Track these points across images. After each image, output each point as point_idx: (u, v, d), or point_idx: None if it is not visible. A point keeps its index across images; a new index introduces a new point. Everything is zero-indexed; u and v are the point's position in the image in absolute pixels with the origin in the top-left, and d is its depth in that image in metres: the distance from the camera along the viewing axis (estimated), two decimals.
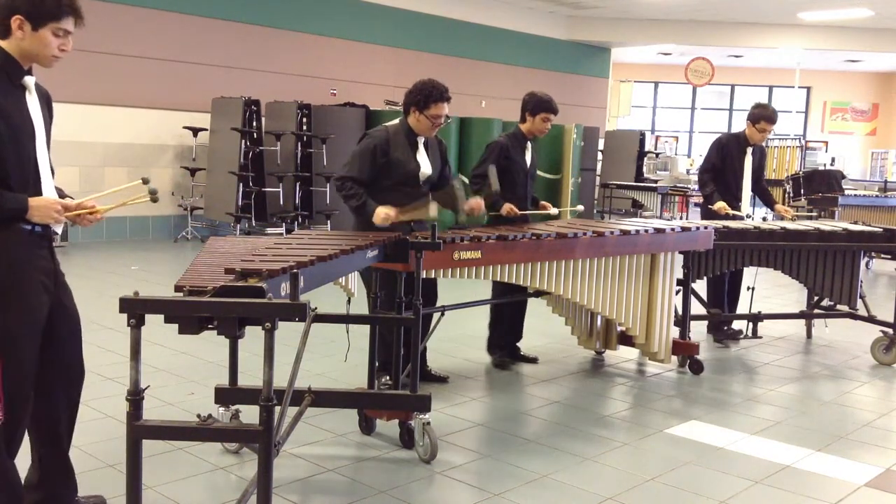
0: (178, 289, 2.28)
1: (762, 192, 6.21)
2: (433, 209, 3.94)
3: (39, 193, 2.55)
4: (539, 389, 4.69)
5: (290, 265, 2.56)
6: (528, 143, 5.07)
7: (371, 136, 4.21)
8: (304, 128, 10.72)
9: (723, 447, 3.86)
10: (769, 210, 6.40)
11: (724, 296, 5.95)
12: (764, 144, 6.12)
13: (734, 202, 5.97)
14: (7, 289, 2.47)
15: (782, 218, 6.08)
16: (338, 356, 4.96)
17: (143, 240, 10.63)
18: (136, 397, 2.23)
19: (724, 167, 5.97)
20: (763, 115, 5.84)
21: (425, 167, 4.25)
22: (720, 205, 5.85)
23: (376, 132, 4.23)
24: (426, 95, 4.13)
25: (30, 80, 2.56)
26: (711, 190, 5.93)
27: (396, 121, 4.30)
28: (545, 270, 4.29)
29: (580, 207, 5.73)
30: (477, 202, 4.28)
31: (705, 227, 5.09)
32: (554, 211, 5.10)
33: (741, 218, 5.86)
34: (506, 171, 4.90)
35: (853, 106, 21.83)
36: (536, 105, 4.94)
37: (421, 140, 4.26)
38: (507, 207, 4.80)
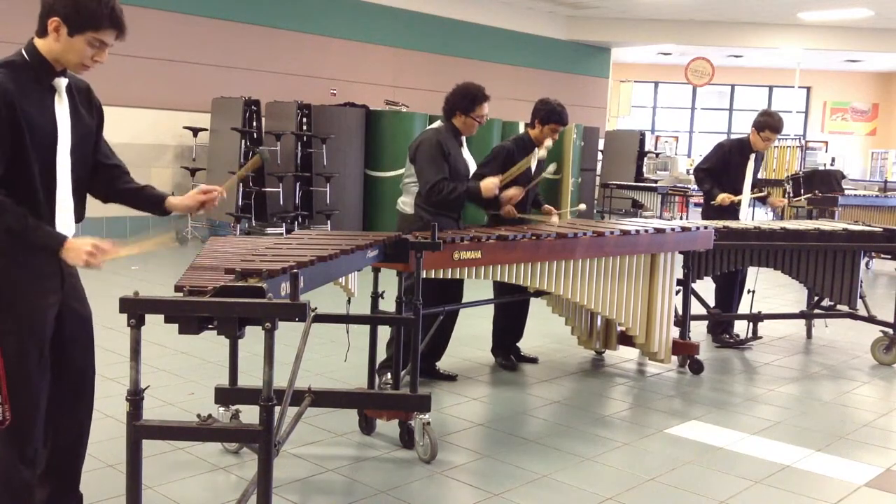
0: (178, 289, 2.27)
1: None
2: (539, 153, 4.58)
3: (52, 204, 2.46)
4: (539, 389, 4.69)
5: (290, 265, 2.56)
6: (535, 148, 5.06)
7: (426, 137, 4.45)
8: (304, 128, 10.71)
9: (723, 447, 3.86)
10: (763, 203, 6.43)
11: (733, 298, 5.93)
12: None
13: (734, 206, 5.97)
14: (15, 300, 2.41)
15: (776, 208, 6.11)
16: (338, 356, 4.96)
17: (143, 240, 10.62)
18: (136, 397, 2.23)
19: (726, 172, 5.95)
20: (768, 124, 5.82)
21: (472, 165, 4.61)
22: (723, 196, 5.83)
23: (428, 133, 4.49)
24: (472, 99, 4.41)
25: (61, 83, 2.47)
26: (710, 185, 5.90)
27: (437, 124, 4.55)
28: (545, 270, 4.29)
29: (582, 206, 5.67)
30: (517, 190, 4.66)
31: (705, 227, 5.09)
32: (555, 220, 5.05)
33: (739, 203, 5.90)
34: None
35: (853, 106, 21.84)
36: (547, 115, 4.92)
37: (463, 139, 4.58)
38: (507, 209, 4.80)
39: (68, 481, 2.72)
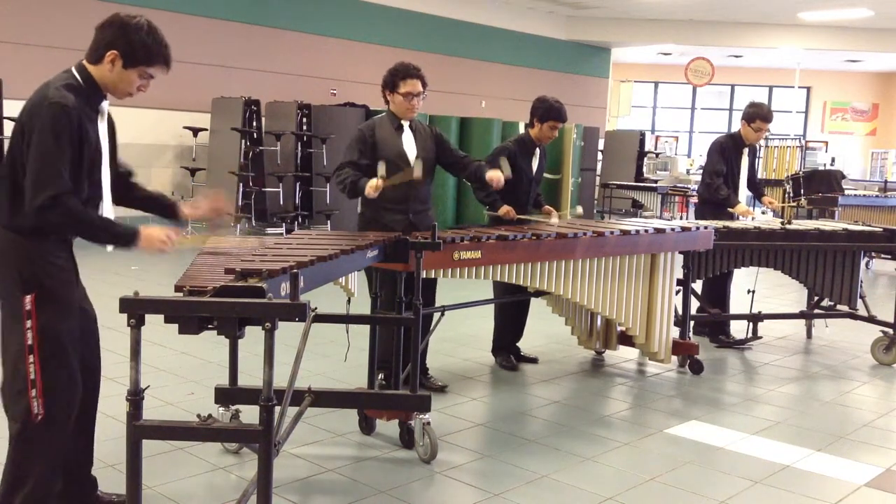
0: (178, 289, 2.28)
1: (755, 188, 6.25)
2: (417, 169, 3.98)
3: (99, 212, 2.65)
4: (539, 389, 4.69)
5: (290, 265, 2.56)
6: (536, 148, 5.06)
7: (359, 127, 4.40)
8: (304, 128, 10.72)
9: (723, 447, 3.86)
10: (758, 200, 6.45)
11: (725, 297, 5.92)
12: (763, 143, 6.14)
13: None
14: (53, 292, 2.52)
15: (770, 206, 6.16)
16: (338, 356, 4.96)
17: None
18: (136, 397, 2.23)
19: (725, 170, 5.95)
20: (758, 115, 5.82)
21: (410, 150, 4.25)
22: (744, 208, 5.81)
23: (363, 123, 4.43)
24: (393, 75, 4.34)
25: (105, 105, 2.66)
26: (728, 192, 5.83)
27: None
28: (545, 270, 4.29)
29: (579, 209, 5.64)
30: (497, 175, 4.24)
31: (705, 227, 5.09)
32: (554, 220, 5.04)
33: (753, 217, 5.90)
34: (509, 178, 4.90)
35: (853, 106, 21.83)
36: (545, 112, 4.92)
37: (406, 124, 4.31)
38: (505, 209, 4.79)
39: (81, 479, 2.76)
